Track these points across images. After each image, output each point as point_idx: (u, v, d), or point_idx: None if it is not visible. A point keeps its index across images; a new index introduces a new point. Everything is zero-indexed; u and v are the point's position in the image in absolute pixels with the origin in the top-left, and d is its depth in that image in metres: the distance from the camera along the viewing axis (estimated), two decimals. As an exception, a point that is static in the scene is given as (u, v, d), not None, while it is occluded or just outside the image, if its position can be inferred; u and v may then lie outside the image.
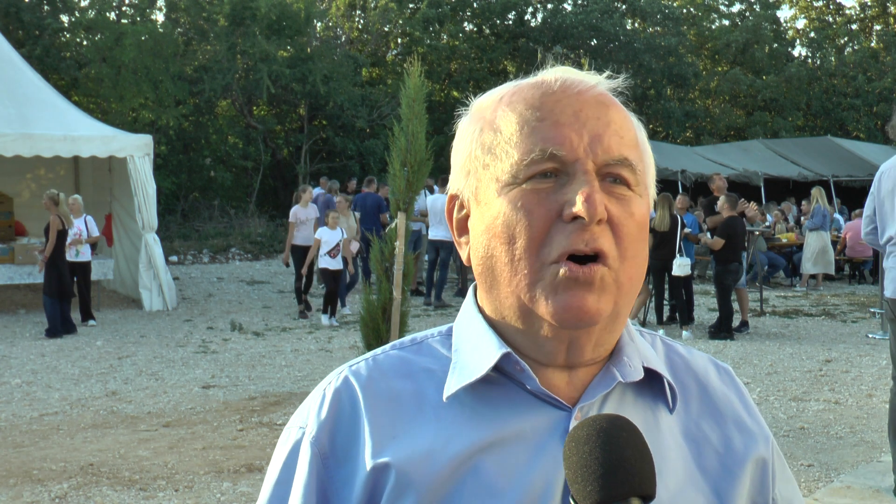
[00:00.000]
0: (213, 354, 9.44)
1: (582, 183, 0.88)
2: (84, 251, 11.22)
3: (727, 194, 10.65)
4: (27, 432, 6.48)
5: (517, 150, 0.91)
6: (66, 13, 23.28)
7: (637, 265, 0.93)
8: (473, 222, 0.97)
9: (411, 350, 1.02)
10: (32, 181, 15.25)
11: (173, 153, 22.94)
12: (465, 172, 0.98)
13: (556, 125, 0.91)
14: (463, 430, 0.93)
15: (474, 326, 0.99)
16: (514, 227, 0.90)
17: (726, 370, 1.08)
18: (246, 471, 5.58)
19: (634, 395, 0.98)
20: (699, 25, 33.44)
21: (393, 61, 28.31)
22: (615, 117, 0.93)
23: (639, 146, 0.95)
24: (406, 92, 5.46)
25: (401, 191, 5.55)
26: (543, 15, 30.16)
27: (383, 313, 5.56)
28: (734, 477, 0.99)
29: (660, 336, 1.08)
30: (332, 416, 0.97)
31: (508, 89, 0.98)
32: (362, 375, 0.99)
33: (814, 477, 5.44)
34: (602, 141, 0.91)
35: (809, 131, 30.78)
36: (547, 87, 0.94)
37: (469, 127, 0.99)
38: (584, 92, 0.93)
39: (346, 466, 0.95)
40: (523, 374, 0.94)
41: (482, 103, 0.99)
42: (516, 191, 0.91)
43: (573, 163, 0.90)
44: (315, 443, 0.96)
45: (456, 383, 0.95)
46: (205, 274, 16.77)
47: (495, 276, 0.94)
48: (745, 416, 1.04)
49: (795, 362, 9.00)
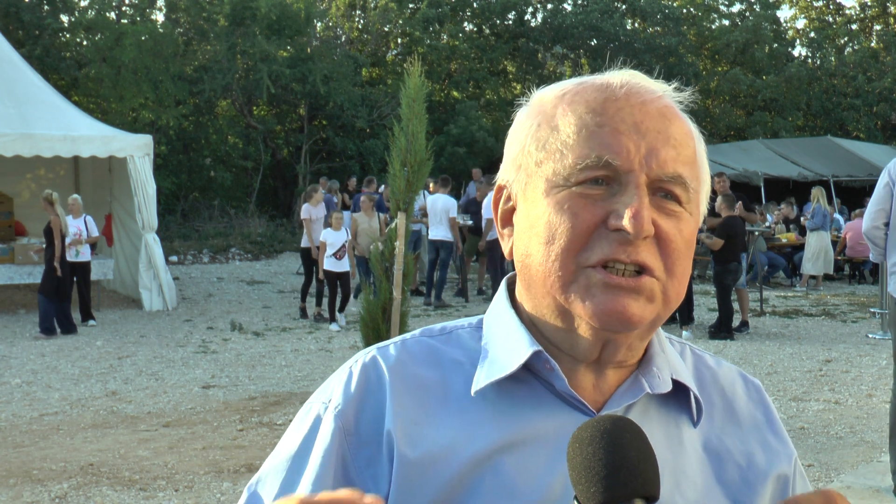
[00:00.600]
0: (213, 354, 9.44)
1: (632, 196, 0.87)
2: (84, 251, 11.22)
3: (725, 194, 10.65)
4: (27, 432, 6.48)
5: (572, 153, 0.90)
6: (66, 13, 23.27)
7: (683, 282, 0.92)
8: (519, 217, 0.96)
9: (440, 339, 1.01)
10: (32, 181, 15.25)
11: (173, 153, 22.94)
12: (517, 166, 0.97)
13: (614, 133, 0.89)
14: (486, 427, 0.92)
15: (506, 321, 0.98)
16: (556, 228, 0.89)
17: (756, 386, 1.07)
18: (246, 471, 5.58)
19: (658, 406, 0.98)
20: (699, 25, 33.43)
21: (393, 61, 28.30)
22: (676, 132, 0.91)
23: (696, 163, 0.94)
24: (406, 92, 5.46)
25: (401, 191, 5.55)
26: (543, 15, 30.14)
27: (383, 313, 5.56)
28: (755, 492, 0.98)
29: (689, 346, 1.07)
30: (360, 393, 0.95)
31: (572, 87, 0.96)
32: (391, 356, 0.98)
33: (814, 477, 5.44)
34: (658, 155, 0.89)
35: (809, 131, 30.76)
36: (611, 92, 0.92)
37: (526, 121, 0.97)
38: (649, 102, 0.92)
39: (369, 447, 0.93)
40: (552, 374, 0.93)
41: (543, 97, 0.97)
42: (565, 193, 0.90)
43: (626, 173, 0.88)
44: (340, 416, 0.94)
45: (485, 378, 0.94)
46: (205, 274, 16.77)
47: (532, 275, 0.93)
48: (770, 434, 1.03)
49: (795, 362, 9.00)
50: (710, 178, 0.98)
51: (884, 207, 4.82)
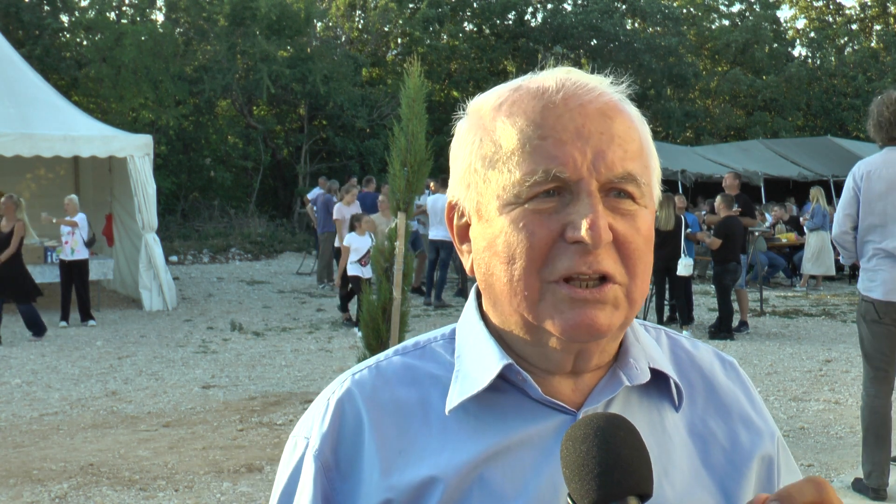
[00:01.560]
0: (213, 354, 9.44)
1: (586, 205, 0.87)
2: (79, 249, 11.21)
3: (724, 194, 10.66)
4: (27, 432, 6.48)
5: (519, 169, 0.89)
6: (66, 13, 23.29)
7: (645, 279, 0.92)
8: (475, 235, 0.95)
9: (415, 355, 1.01)
10: (32, 181, 15.26)
11: (173, 153, 22.94)
12: (466, 185, 0.96)
13: (558, 143, 0.88)
14: (469, 440, 0.93)
15: (475, 333, 0.98)
16: (514, 247, 0.89)
17: (732, 364, 1.08)
18: (246, 471, 5.58)
19: (640, 396, 0.98)
20: (699, 25, 33.45)
21: (393, 61, 28.31)
22: (619, 129, 0.90)
23: (643, 155, 0.93)
24: (406, 92, 5.45)
25: (401, 191, 5.55)
26: (543, 15, 30.16)
27: (383, 313, 5.56)
28: (741, 475, 0.98)
29: (664, 330, 1.08)
30: (335, 429, 0.96)
31: (508, 95, 0.94)
32: (366, 385, 0.98)
33: (814, 477, 5.44)
34: (605, 157, 0.88)
35: (809, 131, 30.78)
36: (549, 98, 0.91)
37: (468, 135, 0.97)
38: (588, 104, 0.90)
39: (350, 479, 0.94)
40: (525, 384, 0.93)
41: (481, 108, 0.96)
42: (518, 210, 0.89)
43: (577, 182, 0.88)
44: (318, 456, 0.96)
45: (458, 396, 0.94)
46: (205, 274, 16.78)
47: (497, 294, 0.93)
48: (752, 411, 1.04)
49: (795, 362, 9.00)
50: (658, 161, 0.97)
51: (850, 213, 4.89)
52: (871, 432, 4.81)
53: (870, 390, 4.85)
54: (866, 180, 4.80)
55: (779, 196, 20.57)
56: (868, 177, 4.79)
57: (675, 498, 0.93)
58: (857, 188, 4.84)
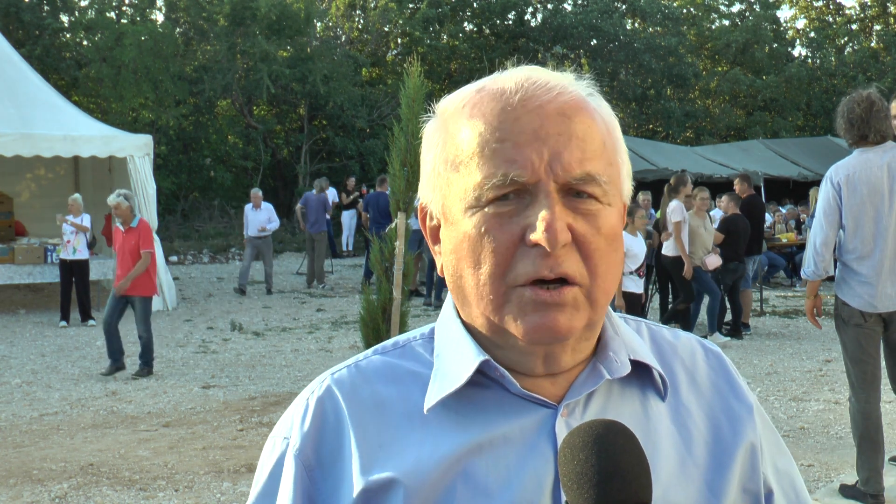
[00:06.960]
0: (213, 354, 9.44)
1: (543, 207, 0.87)
2: (81, 249, 11.21)
3: (730, 193, 10.70)
4: (27, 432, 6.48)
5: (479, 172, 0.89)
6: (66, 13, 23.29)
7: (610, 279, 0.92)
8: (443, 237, 0.96)
9: (395, 354, 1.01)
10: (32, 181, 15.27)
11: (173, 153, 22.95)
12: (432, 187, 0.96)
13: (515, 146, 0.88)
14: (451, 434, 0.93)
15: (453, 331, 0.98)
16: (478, 252, 0.89)
17: (716, 353, 1.07)
18: (246, 471, 5.58)
19: (621, 388, 0.98)
20: (699, 25, 33.45)
21: (393, 61, 28.31)
22: (578, 129, 0.89)
23: (605, 154, 0.91)
24: (406, 92, 5.46)
25: (401, 191, 5.55)
26: (543, 15, 30.16)
27: (383, 313, 5.56)
28: (725, 468, 0.98)
29: (644, 322, 1.07)
30: (316, 428, 0.96)
31: (471, 96, 0.94)
32: (345, 383, 0.98)
33: (814, 477, 5.44)
34: (562, 159, 0.88)
35: (809, 131, 30.79)
36: (507, 100, 0.90)
37: (433, 136, 0.97)
38: (546, 104, 0.89)
39: (332, 477, 0.94)
40: (504, 379, 0.94)
41: (446, 110, 0.96)
42: (479, 215, 0.89)
43: (535, 184, 0.88)
44: (299, 455, 0.96)
45: (437, 394, 0.94)
46: (205, 274, 16.78)
47: (465, 296, 0.94)
48: (733, 399, 1.03)
49: (795, 362, 9.00)
50: (627, 157, 0.96)
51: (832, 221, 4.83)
52: (866, 438, 4.75)
53: (860, 395, 4.78)
54: (847, 185, 4.65)
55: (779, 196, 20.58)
56: (848, 181, 4.64)
57: (661, 491, 0.93)
58: (836, 194, 4.70)
